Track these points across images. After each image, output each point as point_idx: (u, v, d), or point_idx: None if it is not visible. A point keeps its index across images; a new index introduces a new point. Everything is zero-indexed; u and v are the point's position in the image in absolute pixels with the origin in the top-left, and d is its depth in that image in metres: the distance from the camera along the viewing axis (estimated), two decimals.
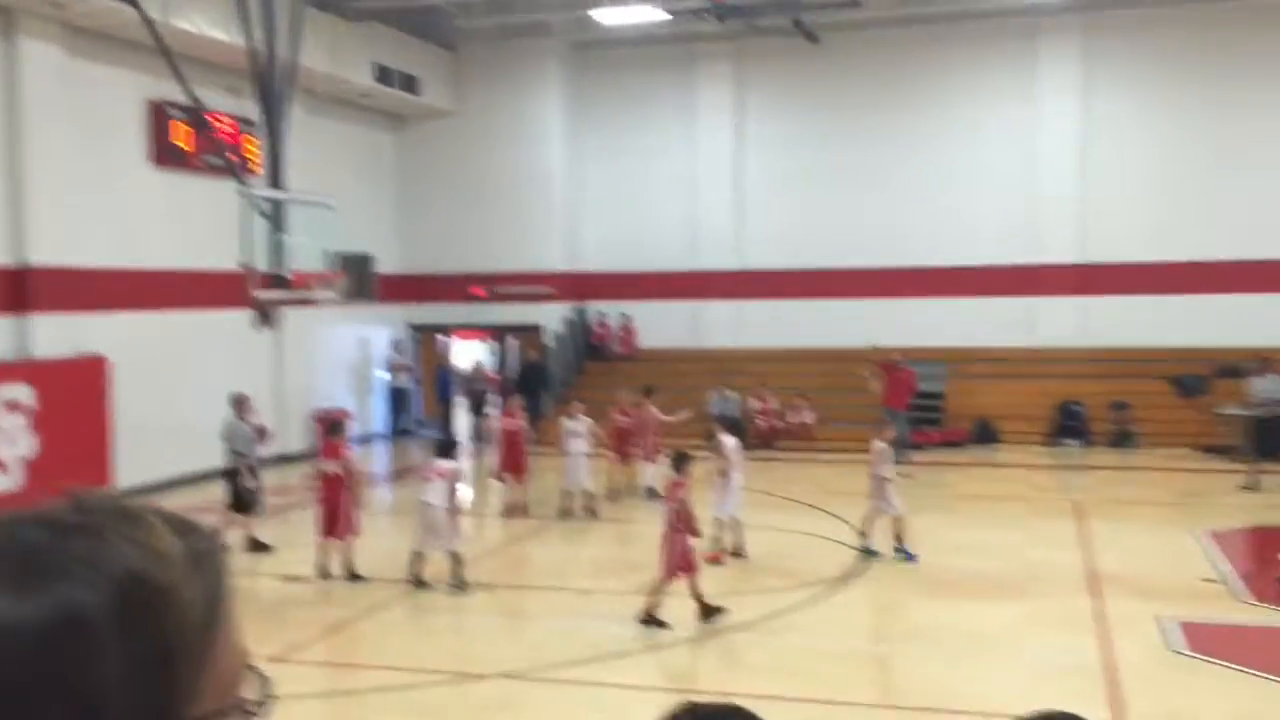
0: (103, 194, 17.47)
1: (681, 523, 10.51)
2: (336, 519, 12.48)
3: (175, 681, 0.95)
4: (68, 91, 16.74)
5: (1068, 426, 22.13)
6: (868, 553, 13.12)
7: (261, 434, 14.66)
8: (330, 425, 13.51)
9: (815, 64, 24.57)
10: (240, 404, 14.29)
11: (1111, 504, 16.49)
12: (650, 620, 10.42)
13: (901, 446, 20.60)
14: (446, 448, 12.74)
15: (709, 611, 10.53)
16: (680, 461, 11.00)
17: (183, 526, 1.03)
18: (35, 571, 0.93)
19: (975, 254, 23.90)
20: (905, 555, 12.99)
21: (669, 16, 21.84)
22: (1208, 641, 10.11)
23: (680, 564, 10.46)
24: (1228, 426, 20.25)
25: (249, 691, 1.03)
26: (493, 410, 22.26)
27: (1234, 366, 21.87)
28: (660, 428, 17.19)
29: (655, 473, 16.43)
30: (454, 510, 12.06)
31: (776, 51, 24.71)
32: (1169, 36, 23.04)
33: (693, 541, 10.65)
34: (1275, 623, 10.63)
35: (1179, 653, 9.77)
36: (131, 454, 17.08)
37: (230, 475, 13.92)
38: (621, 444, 17.31)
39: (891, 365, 20.57)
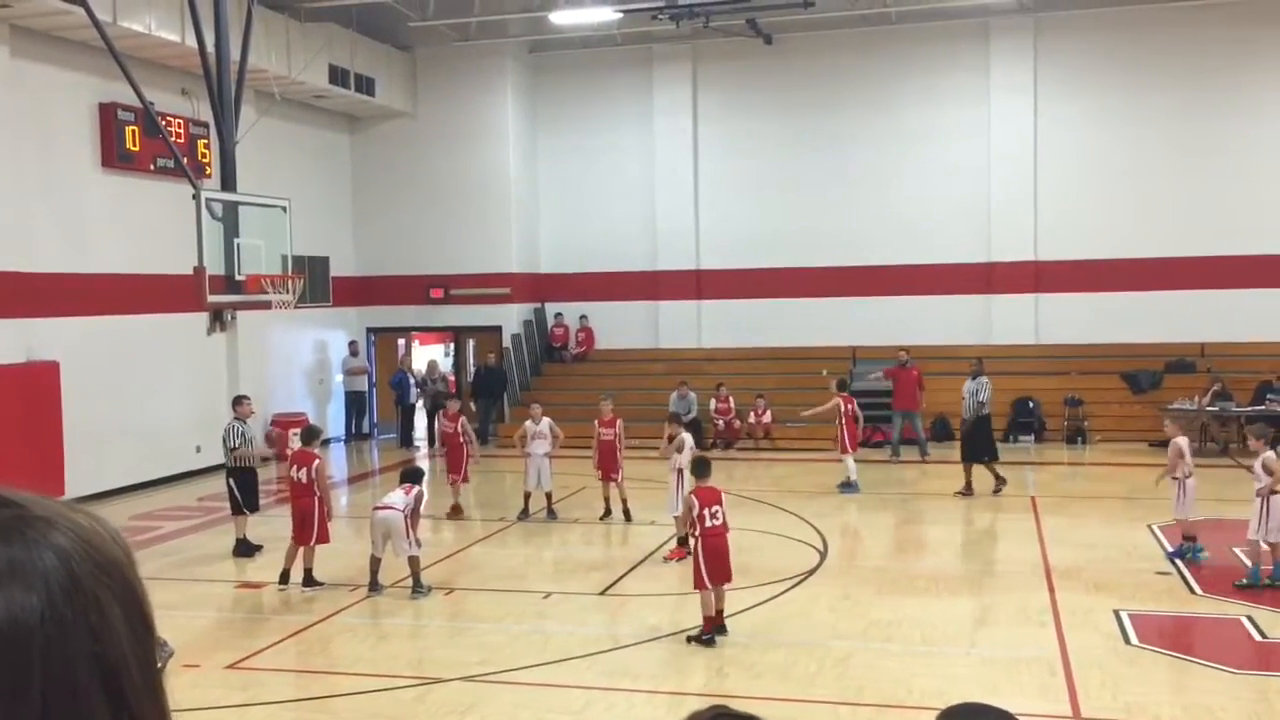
0: (52, 198, 17.21)
1: None
2: (307, 526, 12.41)
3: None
4: (14, 94, 16.47)
5: (1023, 423, 22.35)
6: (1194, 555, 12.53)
7: (269, 441, 14.98)
8: (304, 433, 13.47)
9: (770, 65, 24.67)
10: (234, 404, 14.57)
11: (1066, 499, 16.67)
12: None
13: (901, 445, 20.65)
14: (413, 474, 12.66)
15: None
16: None
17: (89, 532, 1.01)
18: None
19: (930, 253, 24.10)
20: (1188, 555, 12.53)
21: (621, 15, 21.81)
22: (1162, 634, 10.25)
23: None
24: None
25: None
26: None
27: (1185, 362, 22.21)
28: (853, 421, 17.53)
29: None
30: (413, 515, 12.03)
31: (731, 52, 24.79)
32: (1120, 37, 23.33)
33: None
34: (1226, 613, 10.80)
35: (1135, 645, 9.90)
36: (83, 461, 16.85)
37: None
38: (607, 461, 15.48)
39: (899, 367, 20.60)
